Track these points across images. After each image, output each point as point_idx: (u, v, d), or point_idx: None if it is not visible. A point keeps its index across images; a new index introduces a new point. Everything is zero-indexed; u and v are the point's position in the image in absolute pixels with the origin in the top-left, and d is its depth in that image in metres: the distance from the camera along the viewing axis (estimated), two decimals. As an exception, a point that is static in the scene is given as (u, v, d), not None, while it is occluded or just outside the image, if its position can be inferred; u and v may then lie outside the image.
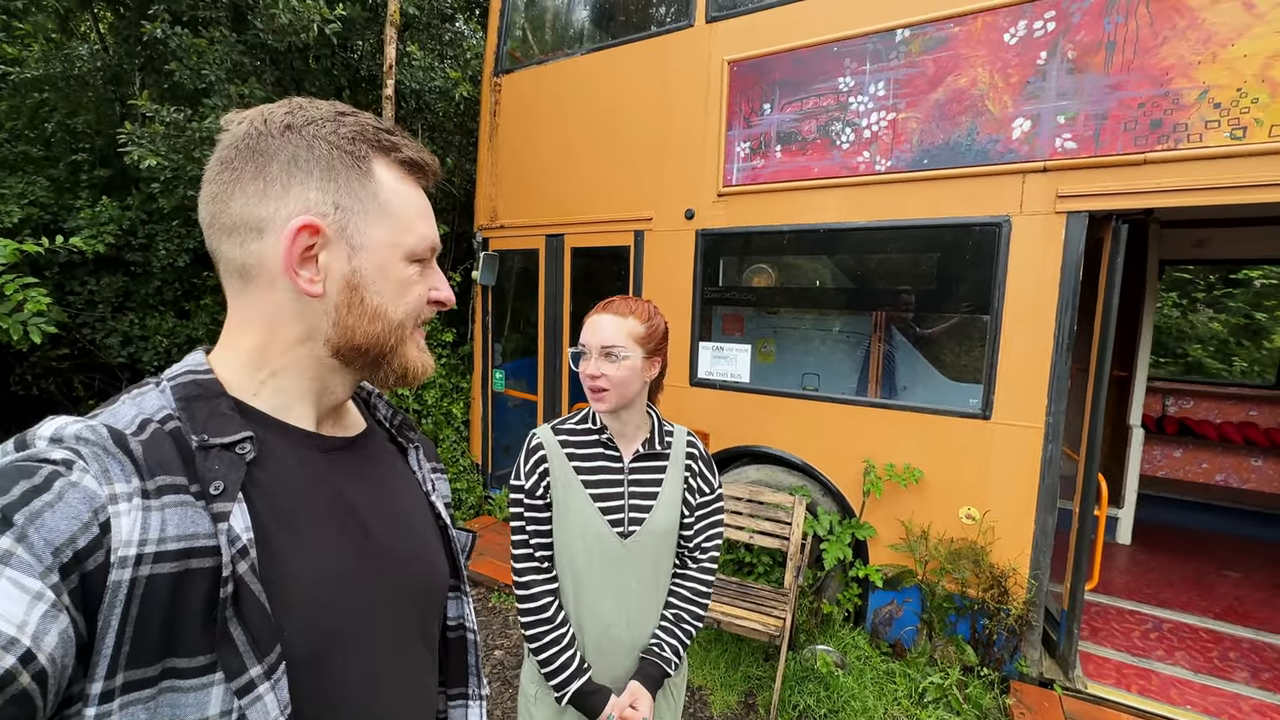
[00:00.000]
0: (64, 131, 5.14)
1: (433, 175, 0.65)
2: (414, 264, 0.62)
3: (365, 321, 0.59)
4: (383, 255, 0.59)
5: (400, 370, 0.63)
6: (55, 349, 4.80)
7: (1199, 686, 2.74)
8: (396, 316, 0.61)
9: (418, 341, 0.65)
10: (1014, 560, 2.73)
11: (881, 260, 3.22)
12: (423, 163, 0.63)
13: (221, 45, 4.15)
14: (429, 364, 0.67)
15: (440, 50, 5.70)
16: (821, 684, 2.69)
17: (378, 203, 0.58)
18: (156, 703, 0.45)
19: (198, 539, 0.48)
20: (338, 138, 0.57)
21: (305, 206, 0.55)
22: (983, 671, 2.73)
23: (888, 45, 2.90)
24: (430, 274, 0.65)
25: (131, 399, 0.54)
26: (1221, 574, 3.90)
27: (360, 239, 0.58)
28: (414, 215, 0.61)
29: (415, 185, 0.63)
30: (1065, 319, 2.59)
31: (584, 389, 1.25)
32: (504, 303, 4.74)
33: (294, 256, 0.55)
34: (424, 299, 0.64)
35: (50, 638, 0.40)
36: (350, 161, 0.57)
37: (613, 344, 1.21)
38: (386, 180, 0.59)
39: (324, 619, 0.55)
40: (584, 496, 1.26)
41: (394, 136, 0.61)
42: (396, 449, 0.75)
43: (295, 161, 0.55)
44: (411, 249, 0.61)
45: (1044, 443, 2.65)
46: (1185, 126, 2.36)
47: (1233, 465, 4.95)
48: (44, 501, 0.42)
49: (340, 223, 0.57)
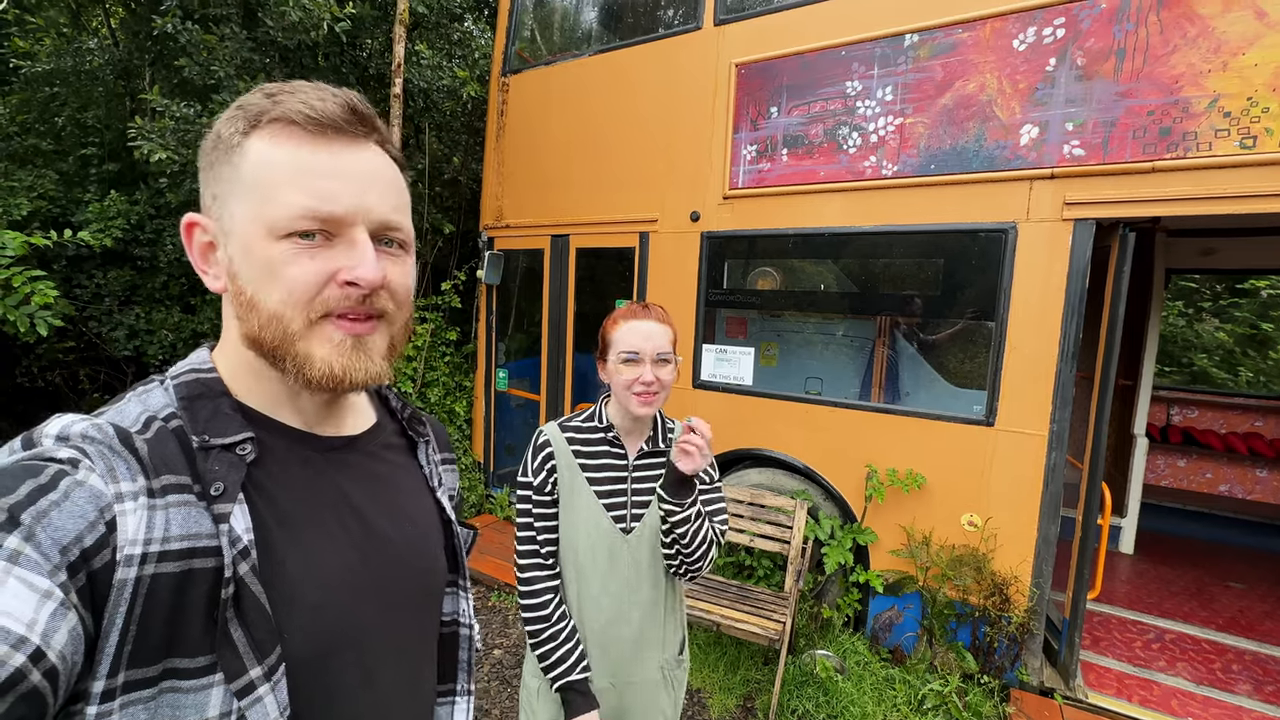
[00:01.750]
0: (74, 125, 5.17)
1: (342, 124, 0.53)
2: (283, 241, 0.51)
3: (246, 312, 0.53)
4: (245, 236, 0.52)
5: (297, 371, 0.54)
6: (61, 341, 4.83)
7: (1201, 698, 2.72)
8: (269, 306, 0.52)
9: (326, 336, 0.54)
10: (1016, 568, 2.72)
11: (886, 265, 3.21)
12: (314, 114, 0.51)
13: (232, 42, 4.17)
14: (347, 367, 0.54)
15: (449, 50, 5.72)
16: (821, 689, 2.68)
17: (239, 177, 0.52)
18: (157, 703, 0.45)
19: (200, 539, 0.48)
20: (223, 123, 0.54)
21: (203, 205, 0.56)
22: (983, 679, 2.72)
23: (896, 50, 2.90)
24: (341, 250, 0.53)
25: (137, 396, 0.54)
26: (1225, 585, 3.87)
27: (230, 224, 0.53)
28: (279, 181, 0.51)
29: (307, 143, 0.52)
30: (1071, 327, 2.58)
31: (624, 394, 1.25)
32: (508, 302, 4.75)
33: (195, 256, 0.56)
34: (312, 284, 0.52)
35: (60, 635, 0.40)
36: (226, 144, 0.53)
37: (665, 350, 1.25)
38: (255, 150, 0.52)
39: (324, 620, 0.55)
40: (589, 493, 1.29)
41: (276, 96, 0.53)
42: (406, 443, 0.75)
43: (201, 163, 0.56)
44: (271, 223, 0.50)
45: (1048, 450, 2.64)
46: (1195, 135, 2.35)
47: (1237, 476, 4.93)
48: (50, 500, 0.42)
49: (218, 213, 0.53)
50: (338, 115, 0.53)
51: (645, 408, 1.25)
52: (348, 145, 0.54)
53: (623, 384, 1.25)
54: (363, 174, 0.54)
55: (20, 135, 5.16)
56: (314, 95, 0.53)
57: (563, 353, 4.23)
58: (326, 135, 0.53)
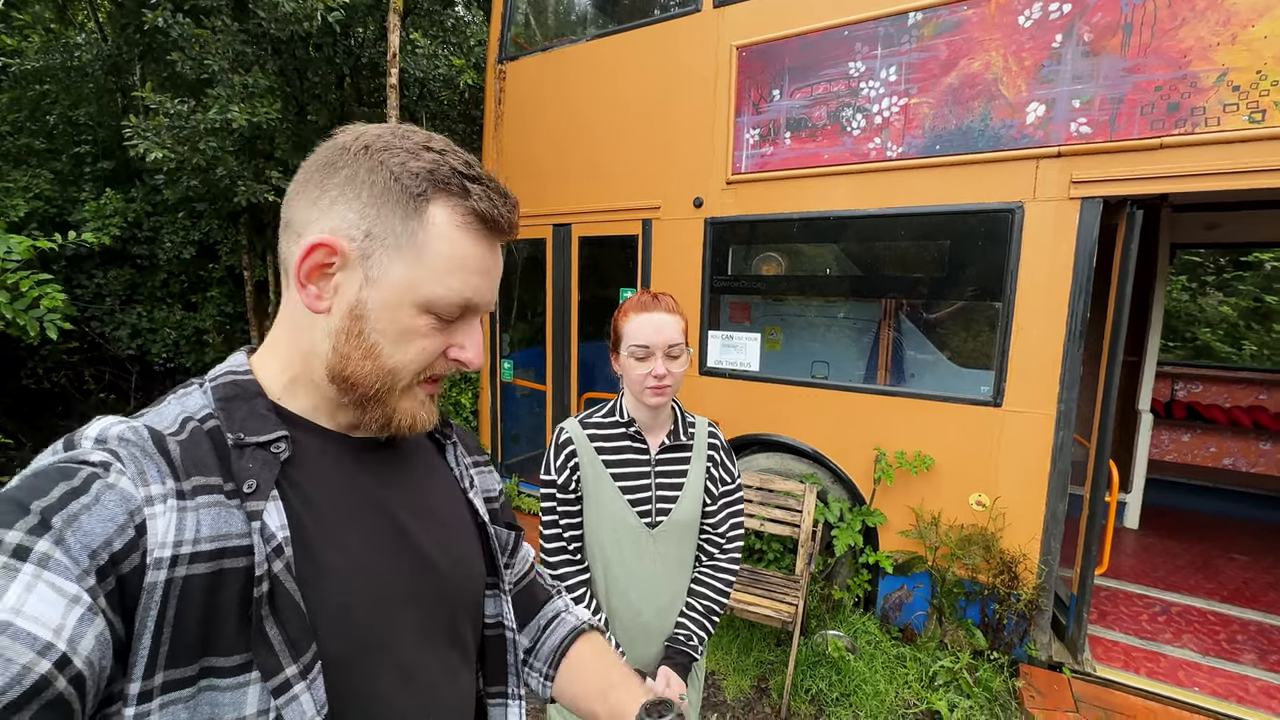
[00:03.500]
0: (66, 124, 5.12)
1: (507, 230, 0.60)
2: (427, 316, 0.57)
3: (359, 355, 0.56)
4: (395, 295, 0.55)
5: (384, 418, 0.59)
6: (66, 343, 4.83)
7: (1207, 668, 2.77)
8: (390, 363, 0.56)
9: (418, 397, 0.61)
10: (1024, 546, 2.74)
11: (892, 247, 3.20)
12: (495, 218, 0.58)
13: (224, 35, 4.12)
14: (424, 420, 0.62)
15: (444, 37, 5.64)
16: (833, 668, 2.72)
17: (414, 243, 0.55)
18: (196, 701, 0.46)
19: (230, 539, 0.48)
20: (403, 169, 0.55)
21: (337, 224, 0.54)
22: (992, 655, 2.76)
23: (900, 29, 2.86)
24: (459, 329, 0.60)
25: (177, 399, 0.56)
26: (1229, 557, 3.91)
27: (378, 272, 0.55)
28: (451, 268, 0.56)
29: (477, 239, 0.57)
30: (1078, 306, 2.58)
31: (636, 388, 1.26)
32: (511, 293, 4.74)
33: (304, 271, 0.55)
34: (433, 355, 0.59)
35: (87, 640, 0.40)
36: (403, 195, 0.54)
37: (676, 340, 1.24)
38: (439, 224, 0.55)
39: (359, 619, 0.55)
40: (613, 489, 1.30)
41: (472, 183, 0.57)
42: (434, 445, 0.75)
43: (352, 180, 0.55)
44: (428, 299, 0.56)
45: (1055, 430, 2.65)
46: (1203, 110, 2.32)
47: (1241, 449, 4.95)
48: (81, 504, 0.43)
49: (365, 250, 0.54)
50: (512, 224, 0.60)
51: (657, 398, 1.26)
52: (499, 246, 0.61)
53: (635, 379, 1.26)
54: (499, 272, 0.62)
55: (12, 135, 5.11)
56: (500, 198, 0.58)
57: (567, 342, 4.23)
58: (497, 237, 0.60)
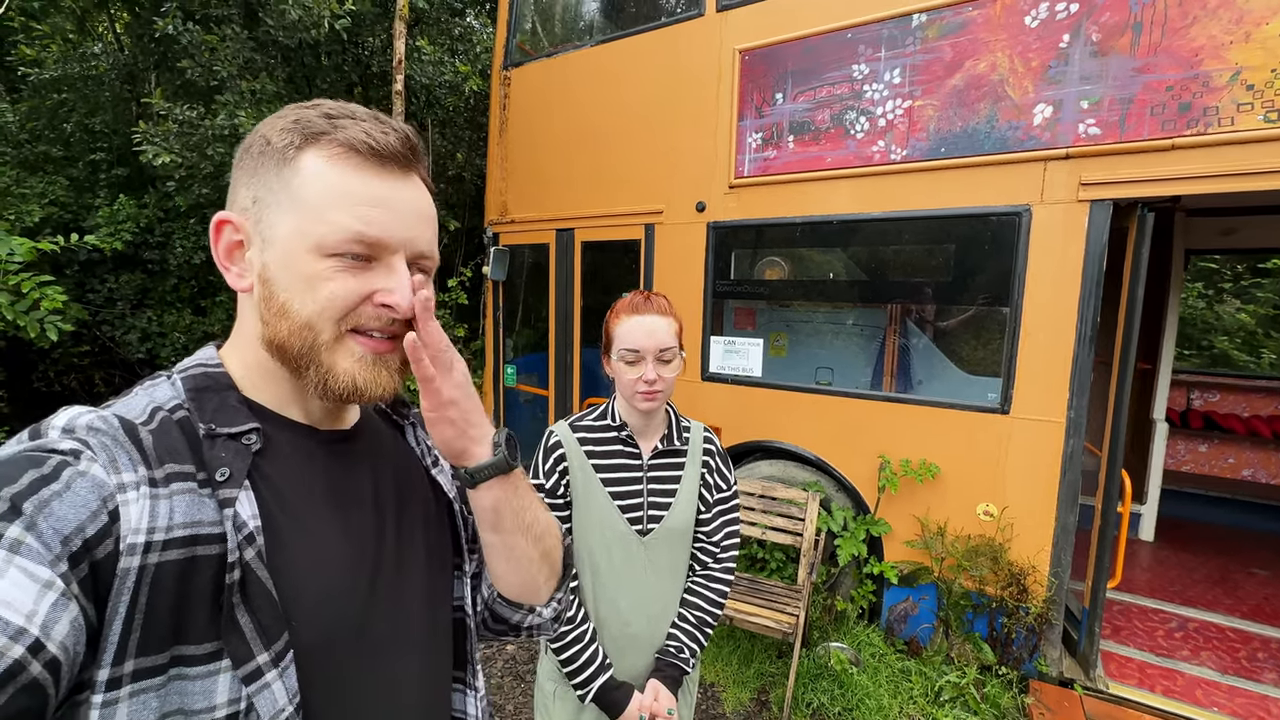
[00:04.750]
0: (82, 131, 5.22)
1: (396, 156, 0.56)
2: (329, 259, 0.54)
3: (275, 318, 0.55)
4: (287, 247, 0.54)
5: (319, 380, 0.56)
6: (77, 346, 4.89)
7: (1226, 688, 2.67)
8: (303, 315, 0.54)
9: (350, 350, 0.56)
10: (1033, 557, 2.67)
11: (897, 252, 3.15)
12: (371, 144, 0.54)
13: (233, 42, 4.18)
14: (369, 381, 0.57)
15: (450, 45, 5.69)
16: (836, 681, 2.66)
17: (289, 192, 0.54)
18: (165, 690, 0.46)
19: (203, 526, 0.48)
20: (273, 131, 0.55)
21: (234, 203, 0.57)
22: (1001, 670, 2.68)
23: (903, 31, 2.83)
24: (380, 273, 0.56)
25: (144, 390, 0.56)
26: (1249, 572, 3.79)
27: (271, 232, 0.55)
28: (330, 203, 0.53)
29: (357, 170, 0.55)
30: (1088, 311, 2.52)
31: (627, 392, 1.23)
32: (515, 297, 4.74)
33: (220, 252, 0.57)
34: (349, 300, 0.55)
35: (61, 626, 0.40)
36: (274, 153, 0.55)
37: (668, 345, 1.21)
38: (310, 168, 0.54)
39: (331, 608, 0.56)
40: (603, 494, 1.26)
41: (338, 119, 0.55)
42: (394, 429, 0.75)
43: (241, 163, 0.57)
44: (318, 241, 0.53)
45: (1065, 438, 2.58)
46: (1216, 110, 2.27)
47: (1261, 460, 4.82)
48: (52, 490, 0.43)
49: (257, 216, 0.55)
50: (396, 148, 0.56)
51: (648, 403, 1.22)
52: (399, 177, 0.57)
53: (625, 383, 1.23)
54: (409, 207, 0.58)
55: (30, 143, 5.21)
56: (375, 126, 0.56)
57: (570, 347, 4.21)
58: (383, 166, 0.56)
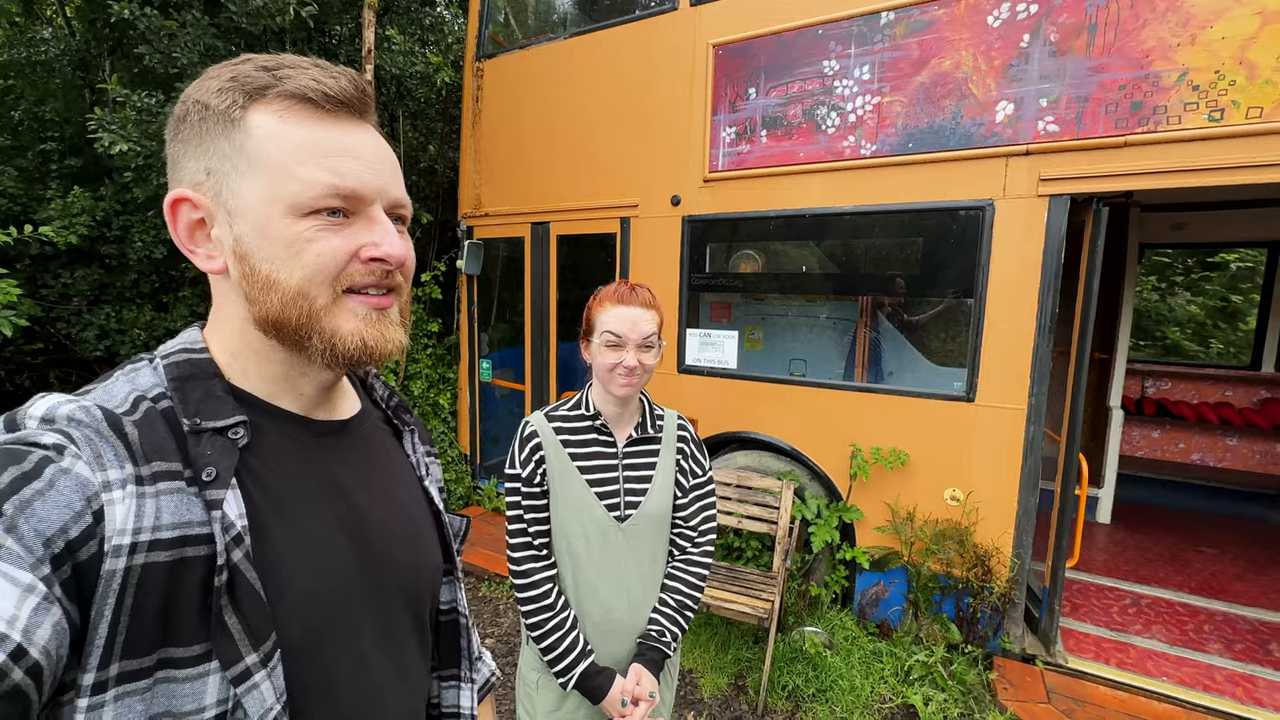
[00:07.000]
0: (31, 119, 4.98)
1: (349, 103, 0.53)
2: (307, 218, 0.51)
3: (262, 293, 0.51)
4: (259, 214, 0.50)
5: (326, 347, 0.53)
6: (30, 344, 4.69)
7: (1175, 658, 2.82)
8: (293, 283, 0.51)
9: (350, 310, 0.54)
10: (997, 540, 2.77)
11: (867, 245, 3.23)
12: (323, 91, 0.51)
13: (194, 28, 4.04)
14: (378, 338, 0.55)
15: (421, 35, 5.59)
16: (810, 664, 2.73)
17: (245, 155, 0.50)
18: (152, 693, 0.44)
19: (192, 527, 0.47)
20: (208, 93, 0.50)
21: (185, 179, 0.52)
22: (967, 649, 2.79)
23: (872, 28, 2.89)
24: (361, 227, 0.53)
25: (125, 375, 0.53)
26: (1197, 550, 4.00)
27: (236, 202, 0.51)
28: (297, 159, 0.50)
29: (312, 121, 0.51)
30: (1047, 302, 2.62)
31: (605, 376, 1.25)
32: (490, 292, 4.70)
33: (181, 235, 0.53)
34: (337, 259, 0.52)
35: (43, 631, 0.39)
36: (219, 116, 0.50)
37: (650, 334, 1.24)
38: (261, 126, 0.50)
39: (319, 607, 0.55)
40: (580, 482, 1.28)
41: (277, 71, 0.51)
42: (392, 431, 0.75)
43: (179, 135, 0.52)
44: (294, 201, 0.50)
45: (1026, 424, 2.69)
46: (1165, 109, 2.37)
47: (1208, 445, 5.07)
48: (34, 490, 0.41)
49: (215, 188, 0.51)
50: (350, 92, 0.53)
51: (625, 389, 1.24)
52: (356, 124, 0.54)
53: (604, 366, 1.24)
54: (374, 153, 0.55)
55: (-26, 131, 4.95)
56: (321, 72, 0.52)
57: (546, 341, 4.20)
58: (339, 114, 0.53)
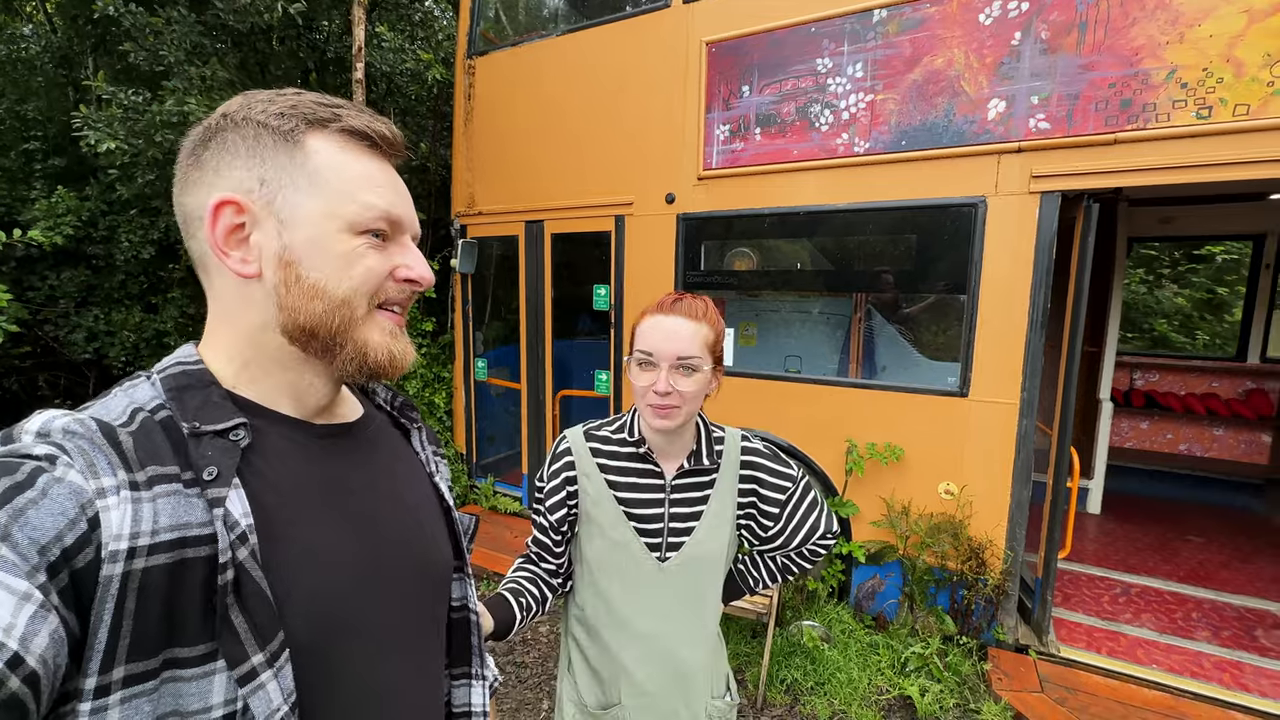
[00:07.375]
0: (14, 119, 4.89)
1: (389, 146, 0.60)
2: (360, 236, 0.56)
3: (305, 300, 0.55)
4: (317, 228, 0.55)
5: (357, 356, 0.58)
6: (17, 347, 4.62)
7: (1164, 646, 2.87)
8: (339, 293, 0.56)
9: (380, 324, 0.60)
10: (991, 532, 2.81)
11: (861, 242, 3.25)
12: (370, 131, 0.58)
13: (179, 25, 3.98)
14: (402, 351, 0.61)
15: (411, 31, 5.54)
16: (808, 658, 2.76)
17: (306, 173, 0.55)
18: (159, 694, 0.45)
19: (191, 528, 0.47)
20: (267, 115, 0.55)
21: (231, 186, 0.54)
22: (962, 640, 2.83)
23: (865, 26, 2.90)
24: (395, 251, 0.60)
25: (123, 391, 0.54)
26: (1186, 539, 4.07)
27: (289, 213, 0.54)
28: (355, 185, 0.56)
29: (364, 155, 0.58)
30: (1039, 297, 2.65)
31: (640, 402, 1.07)
32: (484, 290, 4.69)
33: (218, 237, 0.54)
34: (380, 275, 0.58)
35: (40, 639, 0.39)
36: (278, 135, 0.54)
37: (690, 354, 1.02)
38: (321, 151, 0.56)
39: (327, 606, 0.55)
40: (617, 513, 1.11)
41: (336, 109, 0.57)
42: (399, 431, 0.76)
43: (224, 145, 0.55)
44: (352, 220, 0.56)
45: (1019, 418, 2.72)
46: (1154, 106, 2.40)
47: (1196, 435, 5.15)
48: (28, 498, 0.41)
49: (267, 198, 0.54)
50: (391, 138, 0.60)
51: (660, 421, 1.04)
52: (389, 164, 0.62)
53: (638, 391, 1.06)
54: (404, 191, 0.62)
55: (-45, 130, 4.86)
56: (370, 117, 0.59)
57: (541, 340, 4.20)
58: (382, 154, 0.60)
